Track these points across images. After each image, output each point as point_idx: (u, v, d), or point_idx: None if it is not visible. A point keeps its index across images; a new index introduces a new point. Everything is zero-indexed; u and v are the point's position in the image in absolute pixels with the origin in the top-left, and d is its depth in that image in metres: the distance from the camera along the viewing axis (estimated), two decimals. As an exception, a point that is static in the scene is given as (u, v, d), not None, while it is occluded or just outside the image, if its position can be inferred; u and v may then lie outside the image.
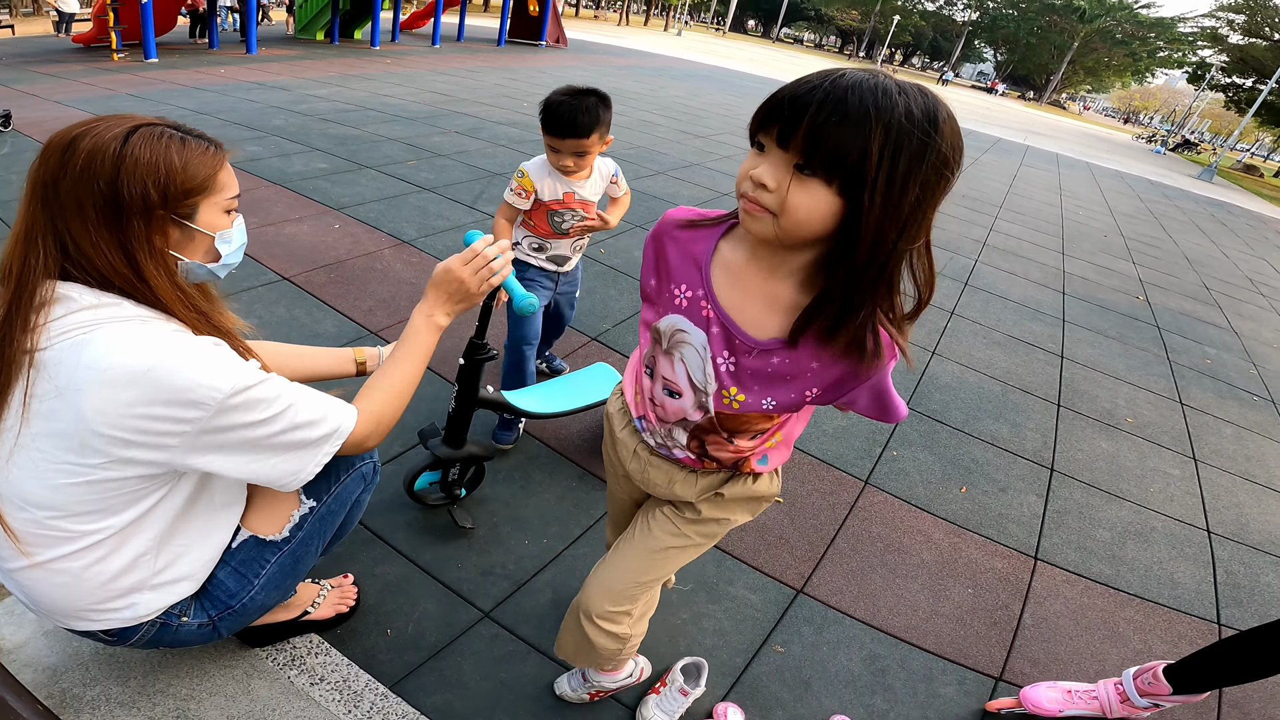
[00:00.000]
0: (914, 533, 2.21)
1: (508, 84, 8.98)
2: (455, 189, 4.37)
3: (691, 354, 0.95)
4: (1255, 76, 27.28)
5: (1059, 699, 1.66)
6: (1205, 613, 2.16)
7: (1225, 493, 2.86)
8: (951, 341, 3.66)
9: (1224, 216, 12.12)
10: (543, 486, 2.04)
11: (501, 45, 14.46)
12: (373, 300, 2.88)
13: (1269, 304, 6.26)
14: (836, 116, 0.71)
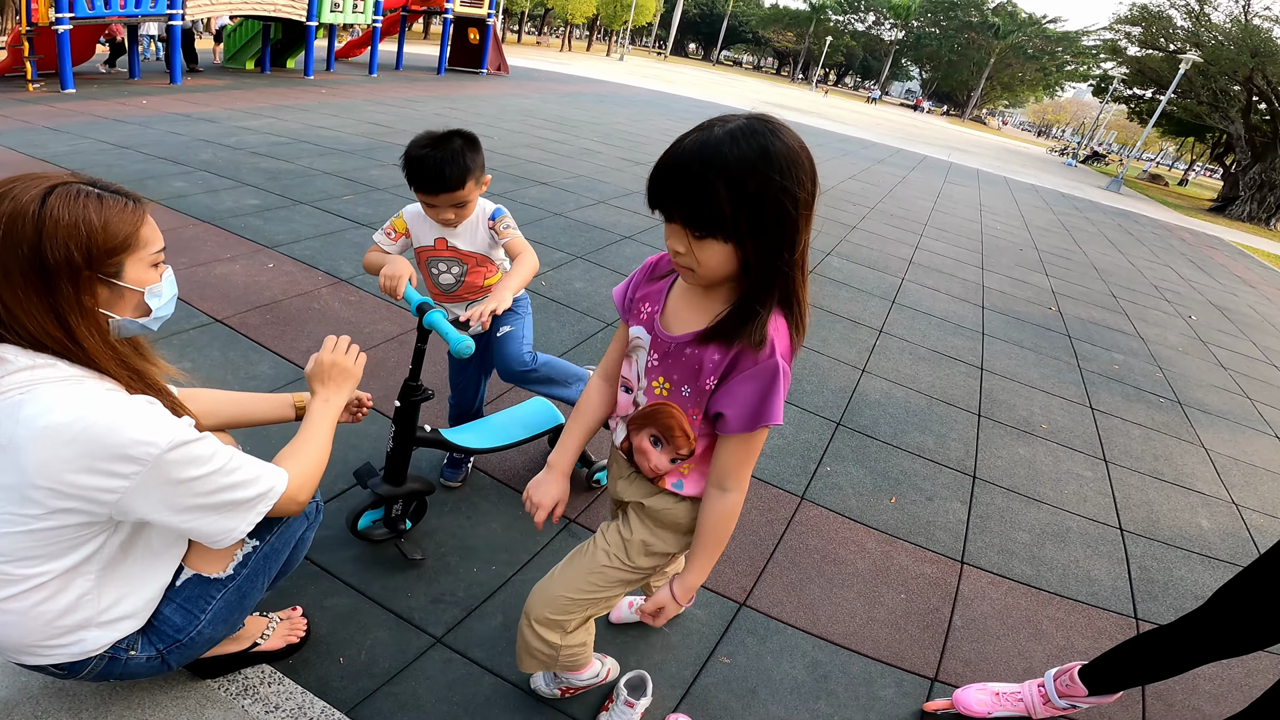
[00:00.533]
0: (848, 543, 2.32)
1: (448, 113, 8.98)
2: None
3: (640, 355, 1.16)
4: (1154, 88, 28.47)
5: (987, 701, 1.75)
6: (1123, 608, 2.30)
7: (1135, 491, 3.07)
8: (880, 359, 3.85)
9: (1130, 226, 12.98)
10: (489, 516, 2.08)
11: (441, 73, 14.35)
12: (310, 341, 2.85)
13: (1173, 309, 6.75)
14: (684, 188, 0.91)
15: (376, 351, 2.86)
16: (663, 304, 1.12)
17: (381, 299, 3.29)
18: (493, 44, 15.76)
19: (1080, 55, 52.53)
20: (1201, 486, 3.25)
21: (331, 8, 11.42)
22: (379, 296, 3.32)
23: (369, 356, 2.74)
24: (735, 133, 0.90)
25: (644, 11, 45.14)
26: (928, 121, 43.77)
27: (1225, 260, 11.52)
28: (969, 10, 62.00)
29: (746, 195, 0.90)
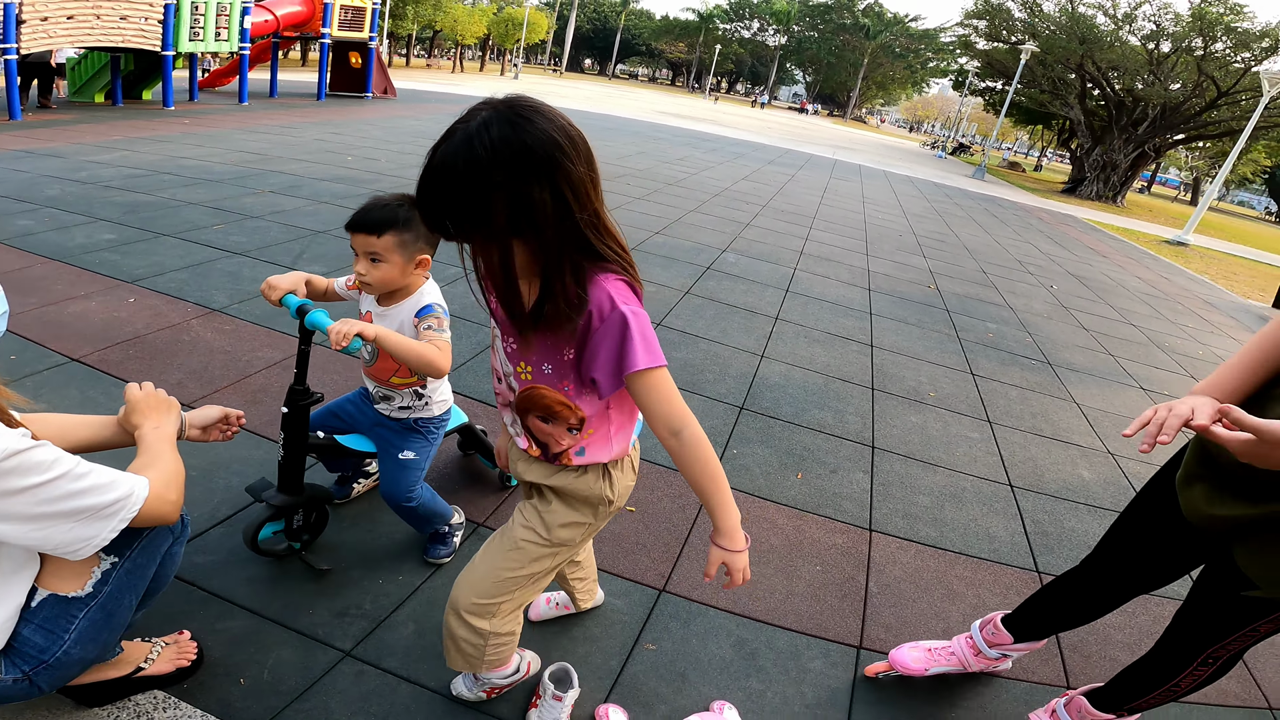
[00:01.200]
0: (760, 521, 2.37)
1: (331, 138, 8.62)
2: (272, 250, 4.14)
3: (499, 344, 1.20)
4: (1003, 79, 30.51)
5: (922, 657, 1.79)
6: (1024, 563, 2.42)
7: (1019, 449, 3.28)
8: (777, 344, 3.98)
9: (995, 209, 14.11)
10: (391, 527, 2.02)
11: (322, 99, 13.74)
12: (182, 373, 2.67)
13: (1036, 281, 7.37)
14: (442, 214, 0.96)
15: (259, 378, 2.72)
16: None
17: (259, 325, 3.13)
18: (376, 67, 15.32)
19: (940, 51, 56.17)
20: (1078, 440, 3.52)
21: (190, 36, 10.71)
22: (256, 324, 3.14)
23: (251, 383, 2.66)
24: (472, 131, 0.92)
25: (536, 29, 45.06)
26: (813, 123, 46.02)
27: (1079, 235, 12.71)
28: (842, 13, 65.68)
29: (494, 189, 0.92)
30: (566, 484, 1.27)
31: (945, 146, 39.49)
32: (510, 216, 0.94)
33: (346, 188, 5.95)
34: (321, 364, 2.87)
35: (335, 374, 2.83)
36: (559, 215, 0.96)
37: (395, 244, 1.61)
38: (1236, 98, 22.26)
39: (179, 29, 10.42)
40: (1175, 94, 23.83)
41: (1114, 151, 25.06)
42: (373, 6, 14.67)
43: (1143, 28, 24.45)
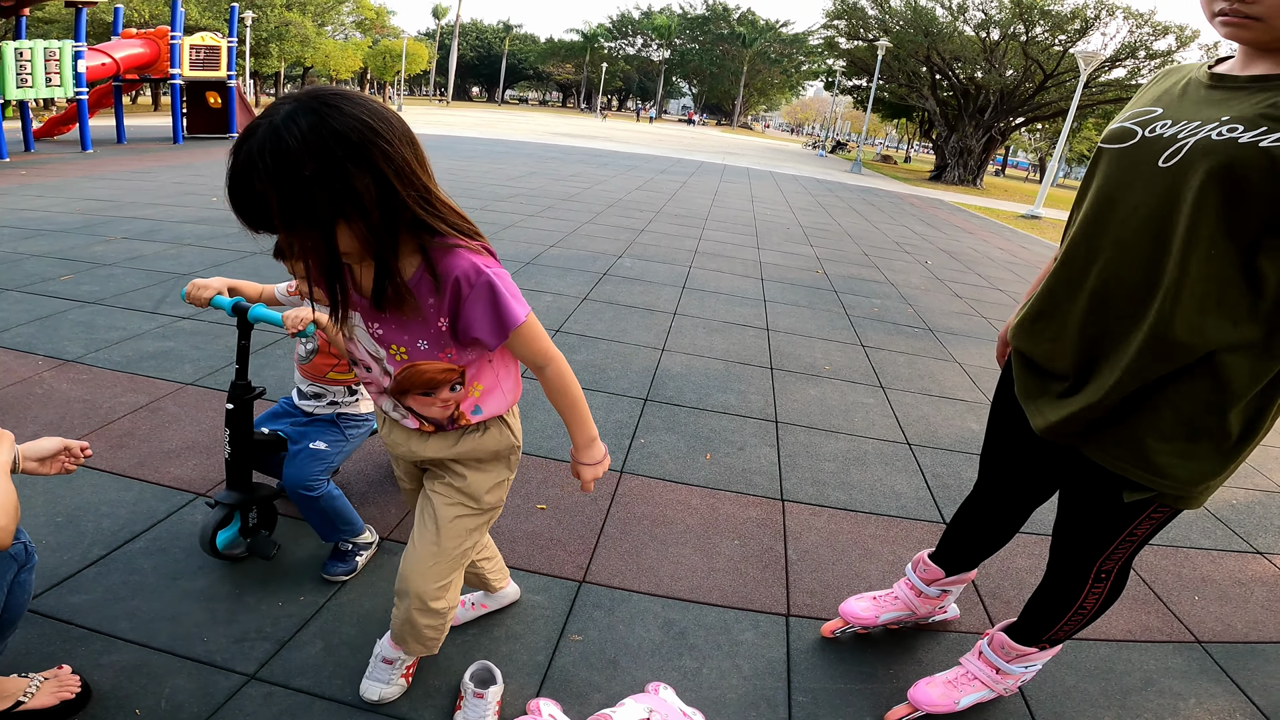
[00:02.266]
0: (674, 504, 2.38)
1: (191, 181, 8.09)
2: (130, 297, 3.83)
3: (360, 333, 1.19)
4: (866, 76, 31.80)
5: (870, 606, 1.83)
6: (930, 515, 2.51)
7: (912, 409, 3.47)
8: (677, 337, 4.06)
9: (870, 198, 15.01)
10: (286, 552, 1.92)
11: (180, 142, 12.89)
12: (38, 425, 2.45)
13: (911, 259, 7.87)
14: (258, 210, 0.94)
15: (123, 423, 2.53)
16: (348, 281, 1.12)
17: (120, 371, 2.90)
18: (240, 105, 14.46)
19: (810, 54, 58.33)
20: (964, 395, 3.77)
21: (19, 83, 9.81)
22: (116, 370, 2.91)
23: (116, 428, 2.48)
24: (278, 125, 0.90)
25: (416, 60, 43.87)
26: (702, 133, 47.46)
27: (947, 216, 13.71)
28: (718, 24, 67.59)
29: (303, 182, 0.90)
30: (473, 447, 1.30)
31: (825, 146, 41.75)
32: (330, 204, 0.92)
33: (212, 229, 5.59)
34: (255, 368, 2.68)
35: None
36: (383, 197, 0.96)
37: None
38: (1061, 79, 24.57)
39: (3, 76, 9.54)
40: (1009, 80, 26.10)
41: (967, 138, 27.21)
42: (228, 45, 13.92)
43: (974, 17, 26.25)
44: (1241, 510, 2.93)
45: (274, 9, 33.58)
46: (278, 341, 3.39)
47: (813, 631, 1.87)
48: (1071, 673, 1.85)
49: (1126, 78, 24.26)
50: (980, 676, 1.61)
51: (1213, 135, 1.12)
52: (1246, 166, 1.07)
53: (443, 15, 63.44)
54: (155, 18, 29.07)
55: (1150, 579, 2.35)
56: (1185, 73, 1.27)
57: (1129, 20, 23.26)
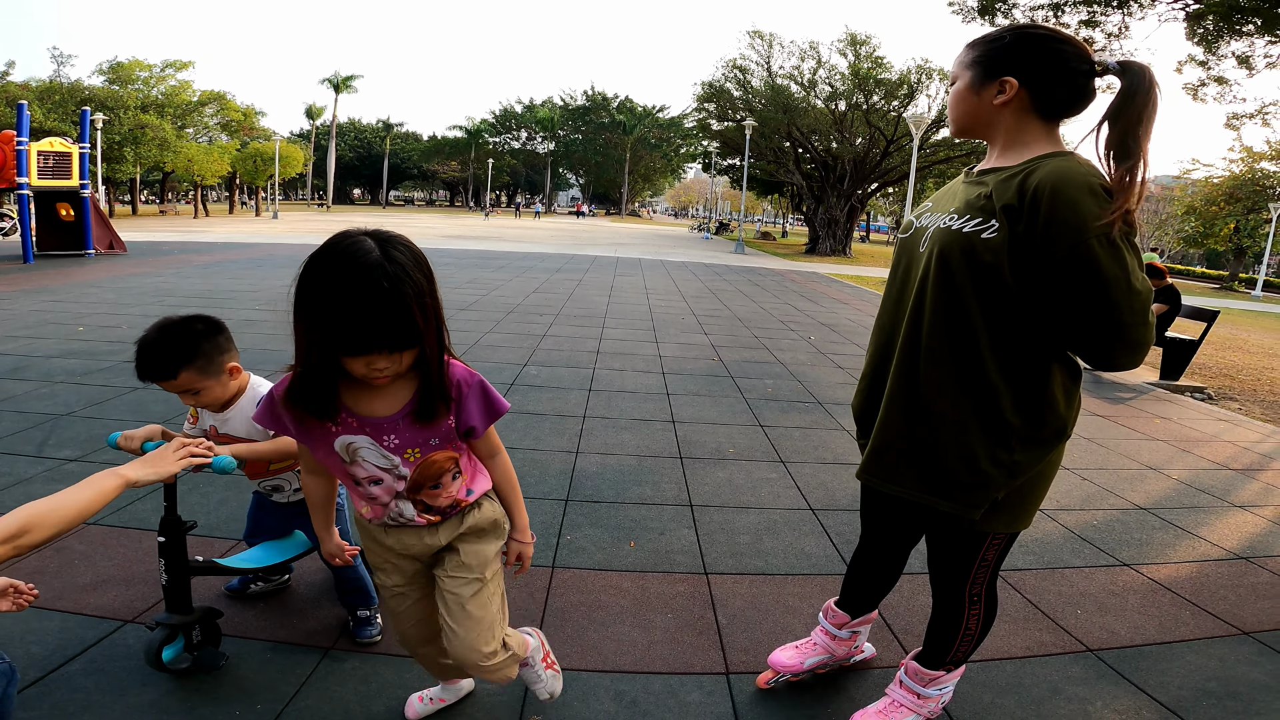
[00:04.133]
0: (606, 589, 2.52)
1: (51, 308, 7.53)
2: (8, 441, 3.54)
3: (368, 452, 1.38)
4: (738, 156, 33.61)
5: (794, 654, 2.02)
6: (838, 569, 2.78)
7: (811, 477, 3.78)
8: (589, 439, 4.20)
9: (756, 278, 16.06)
10: (231, 667, 1.96)
11: (30, 261, 11.67)
12: None
13: (797, 335, 8.50)
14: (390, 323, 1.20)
15: (29, 563, 2.40)
16: (349, 411, 1.35)
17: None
18: (95, 219, 13.27)
19: (687, 137, 60.87)
20: (854, 459, 4.11)
21: None
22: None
23: (22, 568, 2.36)
24: (384, 257, 1.18)
25: (291, 163, 42.43)
26: (592, 224, 48.95)
27: (824, 289, 14.88)
28: (599, 113, 70.08)
29: (423, 305, 1.22)
30: (475, 520, 1.53)
31: (710, 227, 44.21)
32: (426, 324, 1.23)
33: (84, 362, 5.25)
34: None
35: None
36: (439, 318, 1.28)
37: (195, 374, 1.69)
38: (901, 144, 27.41)
39: None
40: (859, 148, 28.95)
41: (832, 208, 29.75)
42: (80, 151, 12.90)
43: (823, 90, 29.08)
44: (1103, 529, 3.39)
45: (128, 111, 32.05)
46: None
47: (752, 685, 2.04)
48: (986, 691, 2.09)
49: (951, 136, 27.52)
50: (905, 703, 1.81)
51: (939, 224, 1.48)
52: (951, 246, 1.43)
53: (318, 115, 62.50)
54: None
55: (1035, 599, 2.68)
56: (959, 176, 1.64)
57: (944, 81, 26.60)
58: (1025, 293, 1.38)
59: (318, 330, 1.20)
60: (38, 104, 28.22)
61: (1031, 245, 1.34)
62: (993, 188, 1.41)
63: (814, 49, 29.43)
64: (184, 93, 36.60)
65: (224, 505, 2.98)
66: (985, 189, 1.43)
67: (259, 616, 2.22)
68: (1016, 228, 1.35)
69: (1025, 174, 1.37)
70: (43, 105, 29.00)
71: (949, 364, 1.47)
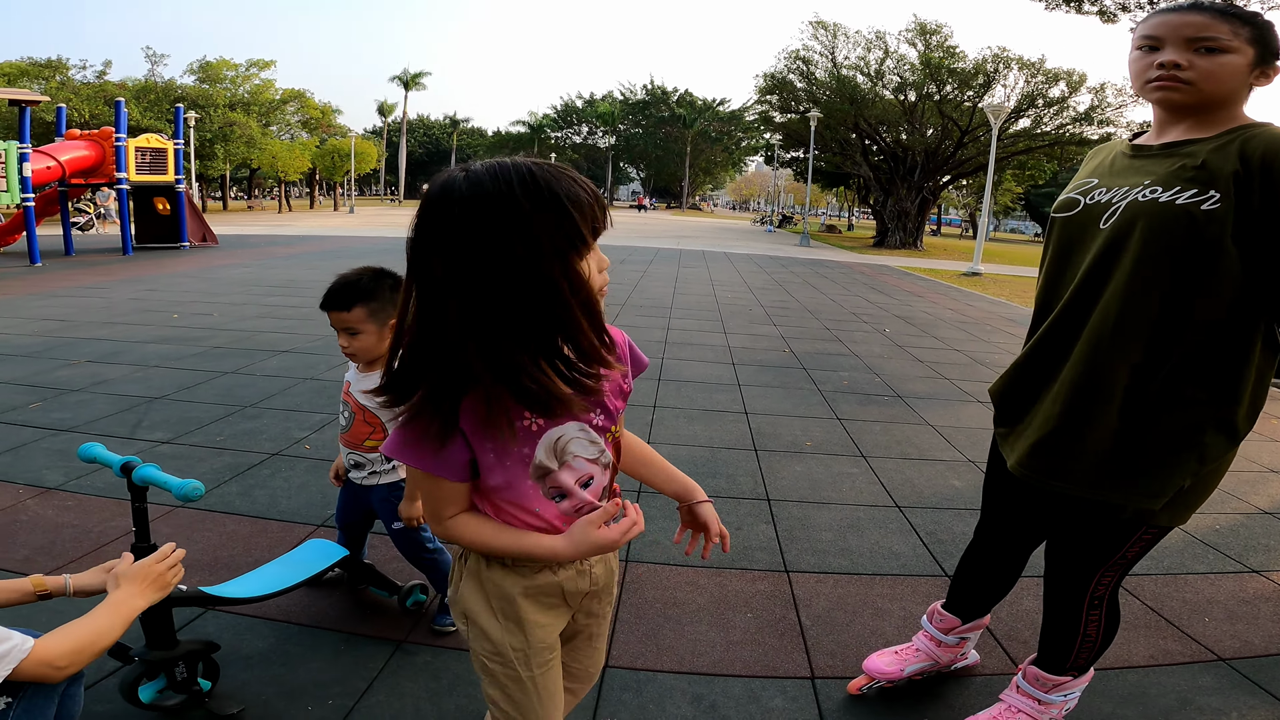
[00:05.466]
0: (683, 585, 2.43)
1: (148, 296, 7.98)
2: (104, 423, 3.73)
3: (577, 444, 1.01)
4: (802, 148, 32.55)
5: (893, 660, 1.90)
6: (931, 570, 2.64)
7: (895, 473, 3.60)
8: (660, 429, 4.12)
9: (823, 271, 15.67)
10: (306, 657, 1.93)
11: (130, 253, 12.42)
12: (28, 550, 2.42)
13: (870, 328, 8.20)
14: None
15: (119, 545, 2.51)
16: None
17: (106, 497, 2.84)
18: (189, 212, 14.07)
19: (748, 130, 60.03)
20: (941, 455, 3.92)
21: None
22: (102, 496, 2.85)
23: (111, 550, 2.44)
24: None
25: (366, 159, 44.09)
26: (654, 218, 48.92)
27: (895, 282, 14.37)
28: (659, 107, 69.60)
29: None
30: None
31: (773, 220, 43.53)
32: None
33: (176, 348, 5.51)
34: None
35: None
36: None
37: (365, 314, 1.79)
38: (976, 134, 26.12)
39: None
40: (931, 139, 27.78)
41: (902, 200, 28.65)
42: (175, 147, 13.60)
43: (891, 81, 27.87)
44: (1226, 534, 3.12)
45: (218, 110, 33.75)
46: (278, 454, 3.32)
47: (840, 691, 1.93)
48: (1106, 701, 1.93)
49: (1031, 126, 26.14)
50: (1024, 709, 1.70)
51: (1137, 197, 1.37)
52: (1163, 219, 1.32)
53: (389, 113, 64.52)
54: (95, 117, 28.81)
55: (1157, 606, 2.48)
56: (1111, 149, 1.54)
57: (1023, 71, 25.19)
58: (1244, 266, 1.31)
59: (537, 235, 0.84)
60: (134, 102, 29.95)
61: (1261, 214, 1.28)
62: (1205, 157, 1.33)
63: (880, 39, 28.16)
64: (267, 91, 38.29)
65: (304, 490, 3.02)
66: (1190, 160, 1.34)
67: (333, 606, 2.21)
68: (1249, 197, 1.28)
69: (1239, 141, 1.31)
70: (139, 104, 30.75)
71: (1141, 345, 1.38)
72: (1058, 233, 1.54)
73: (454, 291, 0.85)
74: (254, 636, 2.01)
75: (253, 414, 3.97)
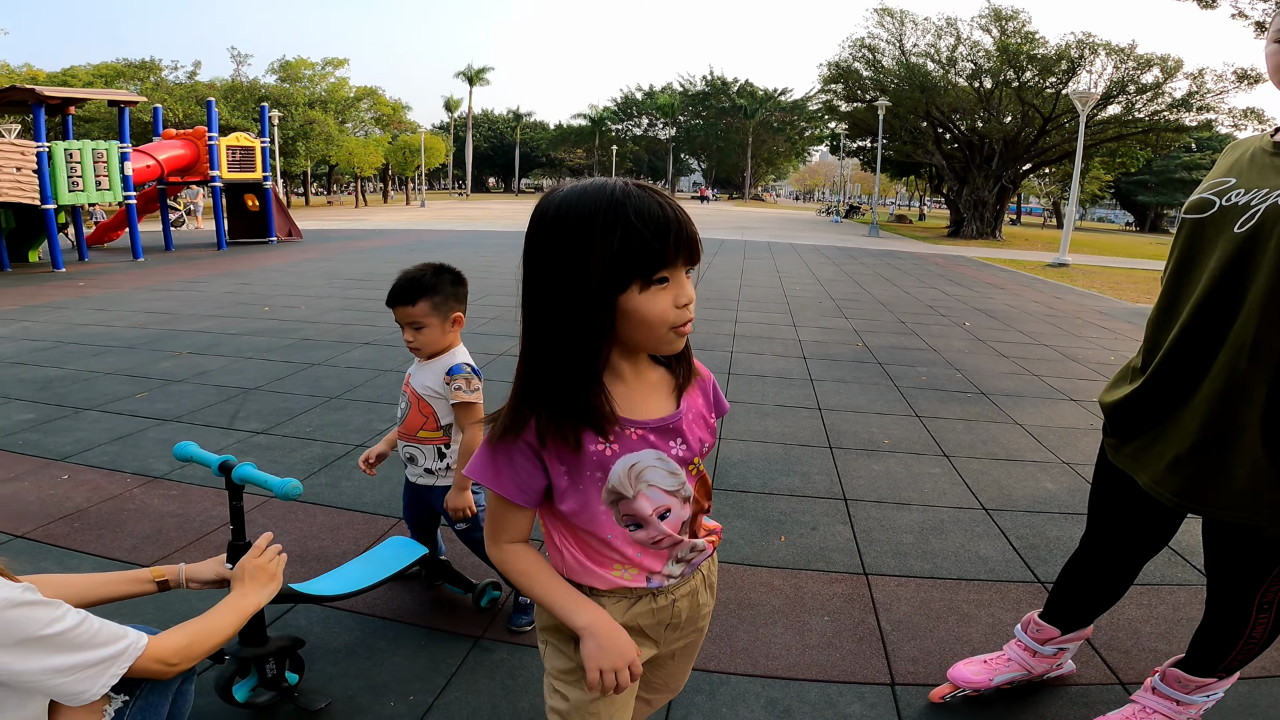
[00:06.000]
0: (756, 586, 2.39)
1: (241, 290, 8.44)
2: (205, 413, 3.96)
3: (654, 473, 0.99)
4: (869, 137, 31.84)
5: (982, 670, 1.84)
6: (1023, 576, 2.52)
7: (981, 474, 3.44)
8: (731, 424, 4.06)
9: (895, 262, 15.14)
10: (389, 652, 1.98)
11: (223, 248, 13.17)
12: (135, 538, 2.55)
13: (948, 322, 7.86)
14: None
15: (220, 534, 2.63)
16: (620, 417, 0.95)
17: (208, 487, 2.98)
18: (277, 209, 14.85)
19: (811, 119, 58.59)
20: (1032, 456, 3.72)
21: (70, 187, 9.87)
22: (204, 486, 3.00)
23: (214, 539, 2.56)
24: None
25: (435, 154, 45.44)
26: (715, 209, 48.52)
27: (974, 273, 13.75)
28: (719, 97, 68.76)
29: None
30: (711, 573, 1.16)
31: (839, 211, 42.39)
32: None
33: (270, 340, 5.80)
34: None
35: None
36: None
37: (430, 308, 1.86)
38: (1060, 121, 24.78)
39: (56, 179, 9.72)
40: (1010, 126, 26.41)
41: (979, 189, 27.40)
42: (262, 145, 14.16)
43: (965, 68, 26.66)
44: None
45: (298, 108, 35.20)
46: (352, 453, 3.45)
47: (921, 698, 1.86)
48: (1214, 711, 1.77)
49: (1122, 113, 24.60)
50: (1161, 710, 1.64)
51: (1279, 200, 1.26)
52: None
53: (455, 108, 65.95)
54: (189, 117, 30.36)
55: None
56: (1249, 144, 1.42)
57: (1112, 56, 23.67)
58: None
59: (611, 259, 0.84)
60: (223, 102, 31.55)
61: None
62: None
63: (951, 25, 26.95)
64: (342, 89, 39.78)
65: (387, 482, 3.08)
66: None
67: (414, 600, 2.25)
68: None
69: None
70: (227, 103, 32.40)
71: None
72: (1187, 234, 1.41)
73: (524, 303, 0.92)
74: (341, 630, 2.06)
75: (338, 405, 4.14)
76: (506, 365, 5.10)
